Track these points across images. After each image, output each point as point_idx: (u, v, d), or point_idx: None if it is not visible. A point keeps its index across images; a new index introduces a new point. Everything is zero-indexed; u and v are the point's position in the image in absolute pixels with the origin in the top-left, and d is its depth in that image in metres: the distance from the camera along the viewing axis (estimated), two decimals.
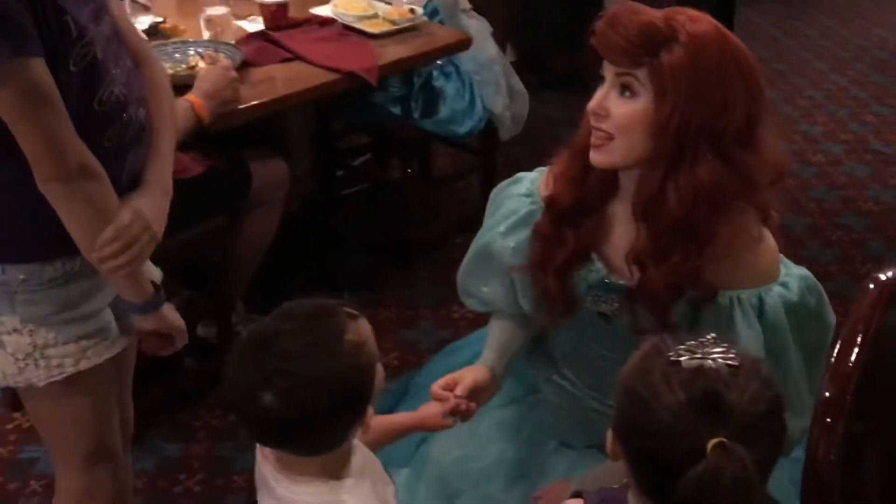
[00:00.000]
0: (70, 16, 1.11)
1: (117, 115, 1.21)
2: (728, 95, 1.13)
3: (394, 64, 2.27)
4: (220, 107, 1.88)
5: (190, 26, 2.35)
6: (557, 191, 1.28)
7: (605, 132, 1.17)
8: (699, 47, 1.12)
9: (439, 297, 2.60)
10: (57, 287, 1.24)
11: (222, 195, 2.07)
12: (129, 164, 1.26)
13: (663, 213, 1.16)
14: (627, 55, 1.13)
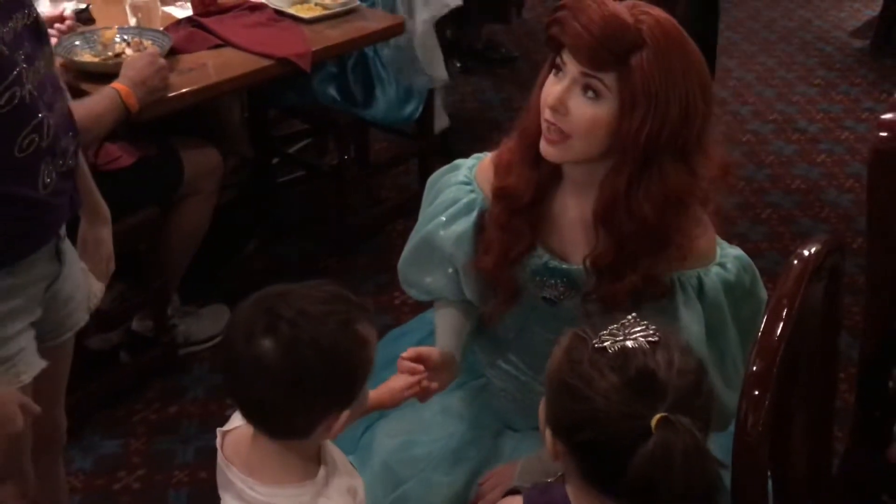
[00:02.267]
0: None
1: (26, 119, 1.13)
2: (691, 102, 1.13)
3: (327, 49, 2.24)
4: (149, 95, 1.84)
5: (115, 12, 2.28)
6: (511, 183, 1.26)
7: (562, 130, 1.15)
8: (667, 54, 1.11)
9: (380, 282, 2.59)
10: None
11: (154, 185, 2.03)
12: (44, 174, 1.18)
13: (629, 219, 1.16)
14: (596, 57, 1.10)
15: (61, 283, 1.31)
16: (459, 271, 1.36)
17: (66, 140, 1.23)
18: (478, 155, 1.39)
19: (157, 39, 2.06)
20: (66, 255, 1.31)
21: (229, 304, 2.43)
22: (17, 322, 1.22)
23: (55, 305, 1.32)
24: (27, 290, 1.23)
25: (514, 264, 1.29)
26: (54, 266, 1.28)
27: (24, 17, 1.15)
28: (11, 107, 1.10)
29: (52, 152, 1.18)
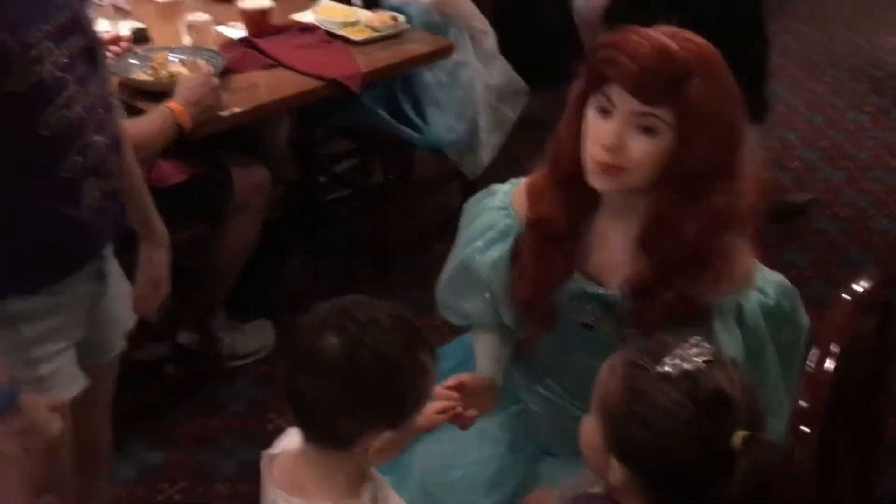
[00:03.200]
0: (8, 33, 1.06)
1: (72, 140, 1.15)
2: (734, 124, 1.15)
3: (376, 71, 2.27)
4: (203, 114, 1.88)
5: (171, 32, 2.34)
6: (545, 212, 1.27)
7: (618, 165, 1.15)
8: (714, 79, 1.12)
9: (420, 302, 2.57)
10: (4, 327, 1.17)
11: (204, 202, 2.07)
12: (88, 193, 1.20)
13: (674, 242, 1.17)
14: (652, 92, 1.10)
15: (106, 305, 1.33)
16: (496, 296, 1.36)
17: (114, 161, 1.25)
18: (514, 180, 1.40)
19: (211, 59, 2.11)
20: (110, 277, 1.33)
21: (273, 319, 2.47)
22: (57, 341, 1.24)
23: (99, 326, 1.33)
24: (68, 310, 1.25)
25: (551, 291, 1.29)
26: (97, 287, 1.30)
27: (81, 39, 1.18)
28: (59, 128, 1.13)
29: (98, 173, 1.20)
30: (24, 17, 1.08)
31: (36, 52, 1.08)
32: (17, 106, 1.08)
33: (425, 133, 2.59)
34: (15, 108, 1.08)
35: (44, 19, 1.10)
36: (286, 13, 2.50)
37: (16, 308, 1.17)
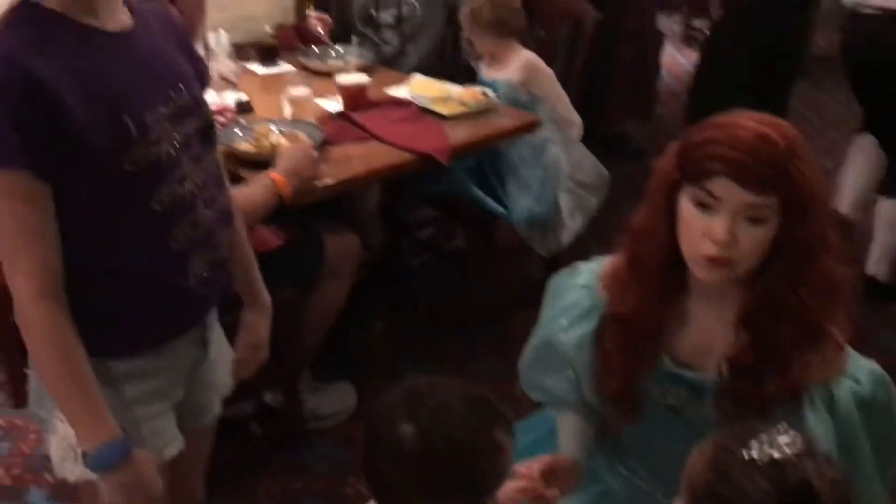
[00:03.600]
0: (129, 116, 1.12)
1: (182, 214, 1.21)
2: (826, 193, 1.16)
3: (465, 145, 2.33)
4: (301, 184, 1.96)
5: (273, 103, 2.46)
6: (629, 308, 1.26)
7: (728, 258, 1.15)
8: (807, 155, 1.13)
9: (500, 371, 2.61)
10: (109, 386, 1.20)
11: (297, 268, 2.14)
12: (195, 265, 1.25)
13: (786, 318, 1.16)
14: (763, 182, 1.11)
15: (206, 369, 1.37)
16: (580, 376, 1.36)
17: (222, 234, 1.30)
18: (599, 258, 1.40)
19: (309, 131, 2.20)
20: (212, 343, 1.37)
21: (354, 381, 2.51)
22: (157, 402, 1.28)
23: (198, 390, 1.38)
24: (170, 373, 1.29)
25: (638, 381, 1.29)
26: (199, 352, 1.35)
27: (198, 121, 1.25)
28: (172, 203, 1.19)
29: (206, 245, 1.26)
30: (147, 101, 1.15)
31: (154, 134, 1.14)
32: (134, 182, 1.14)
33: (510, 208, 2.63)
34: (131, 185, 1.14)
35: (164, 103, 1.17)
36: (382, 88, 2.60)
37: (121, 369, 1.22)
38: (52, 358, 1.13)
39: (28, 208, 1.08)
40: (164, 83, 1.19)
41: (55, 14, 1.09)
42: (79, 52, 1.09)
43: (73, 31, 1.10)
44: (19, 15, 1.09)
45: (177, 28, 1.29)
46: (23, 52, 1.04)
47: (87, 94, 1.08)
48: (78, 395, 1.14)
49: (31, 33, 1.07)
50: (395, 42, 3.05)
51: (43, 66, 1.04)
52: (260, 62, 2.93)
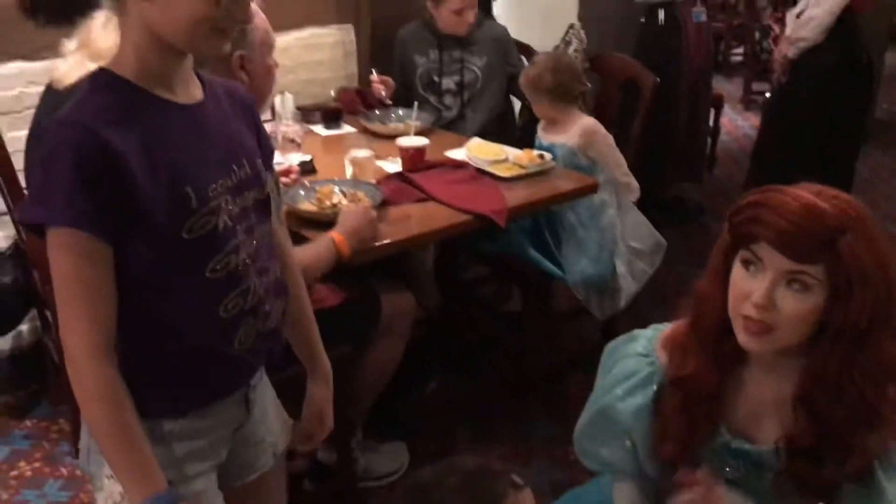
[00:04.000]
0: (191, 187, 1.15)
1: (234, 284, 1.22)
2: (891, 275, 1.12)
3: (522, 207, 2.35)
4: (360, 244, 2.00)
5: (335, 163, 2.53)
6: (690, 373, 1.26)
7: (770, 323, 1.14)
8: (867, 233, 1.11)
9: (553, 434, 2.58)
10: (158, 444, 1.22)
11: (353, 325, 2.17)
12: (242, 333, 1.26)
13: (839, 400, 1.14)
14: (804, 249, 1.10)
15: (250, 428, 1.38)
16: (637, 446, 1.34)
17: (272, 303, 1.31)
18: (656, 326, 1.39)
19: (369, 192, 2.25)
20: (255, 403, 1.38)
21: (408, 440, 2.51)
22: (199, 463, 1.29)
23: (243, 448, 1.38)
24: (213, 434, 1.31)
25: (696, 449, 1.27)
26: (242, 412, 1.36)
27: (256, 193, 1.27)
28: (225, 272, 1.21)
29: (255, 314, 1.27)
30: (211, 174, 1.19)
31: (214, 205, 1.17)
32: (190, 250, 1.16)
33: (567, 270, 2.63)
34: (187, 252, 1.16)
35: (227, 176, 1.21)
36: (440, 150, 2.65)
37: (167, 428, 1.25)
38: (104, 413, 1.14)
39: (89, 268, 1.11)
40: (229, 157, 1.23)
41: (131, 84, 1.14)
42: (150, 122, 1.14)
43: (146, 101, 1.15)
44: (98, 83, 1.14)
45: (245, 103, 1.33)
46: (97, 120, 1.09)
47: (153, 164, 1.11)
48: (127, 449, 1.15)
49: (107, 101, 1.12)
50: (456, 107, 3.13)
51: (115, 135, 1.09)
52: (323, 124, 3.02)
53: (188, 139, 1.18)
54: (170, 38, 1.13)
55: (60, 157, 1.07)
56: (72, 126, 1.08)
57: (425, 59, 3.12)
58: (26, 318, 2.64)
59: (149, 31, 1.13)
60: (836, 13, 3.39)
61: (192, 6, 1.11)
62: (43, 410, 2.72)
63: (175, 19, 1.11)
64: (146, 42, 1.14)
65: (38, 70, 2.60)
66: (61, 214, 1.08)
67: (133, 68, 1.14)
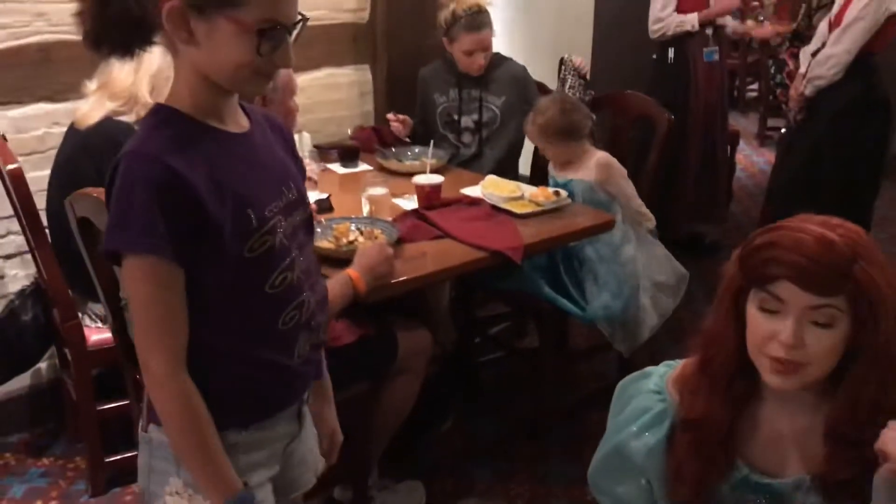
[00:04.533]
0: (252, 209, 1.23)
1: (291, 298, 1.30)
2: None
3: (537, 244, 2.35)
4: (376, 281, 2.00)
5: (351, 201, 2.55)
6: (701, 414, 1.25)
7: (798, 363, 1.14)
8: (874, 257, 1.13)
9: (572, 474, 2.55)
10: (229, 454, 1.28)
11: (370, 363, 2.17)
12: (300, 345, 1.34)
13: (873, 428, 1.13)
14: (826, 283, 1.11)
15: (297, 444, 1.44)
16: (652, 484, 1.33)
17: (321, 316, 1.40)
18: (669, 363, 1.39)
19: (386, 229, 2.27)
20: (305, 417, 1.46)
21: (424, 479, 2.49)
22: (259, 473, 1.35)
23: (290, 464, 1.43)
24: (270, 446, 1.37)
25: (713, 489, 1.25)
26: (295, 426, 1.42)
27: (303, 213, 1.36)
28: (283, 287, 1.29)
29: (309, 327, 1.35)
30: (266, 196, 1.27)
31: (271, 225, 1.25)
32: (252, 268, 1.24)
33: (586, 309, 2.62)
34: (249, 270, 1.24)
35: (279, 198, 1.29)
36: (456, 188, 2.67)
37: (232, 440, 1.30)
38: (187, 426, 1.23)
39: (168, 292, 1.19)
40: (279, 180, 1.31)
41: (188, 117, 1.22)
42: (210, 151, 1.21)
43: (203, 132, 1.23)
44: (160, 118, 1.22)
45: (283, 131, 1.42)
46: (166, 151, 1.16)
47: (219, 190, 1.19)
48: (209, 457, 1.24)
49: (171, 134, 1.20)
50: (474, 145, 3.15)
51: (182, 164, 1.16)
52: (340, 162, 3.05)
53: (244, 165, 1.26)
54: (215, 78, 1.21)
55: (136, 187, 1.14)
56: (142, 157, 1.16)
57: (445, 98, 3.16)
58: (45, 356, 2.66)
59: (197, 71, 1.21)
60: (853, 53, 3.38)
61: (234, 53, 1.18)
62: (60, 448, 2.72)
63: (219, 64, 1.19)
64: (196, 80, 1.22)
65: (62, 111, 2.65)
66: (139, 242, 1.15)
67: (187, 102, 1.23)
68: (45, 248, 2.26)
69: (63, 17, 2.55)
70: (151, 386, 1.23)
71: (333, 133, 3.39)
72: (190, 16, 1.16)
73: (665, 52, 3.98)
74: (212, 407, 1.25)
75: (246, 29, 1.16)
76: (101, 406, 2.40)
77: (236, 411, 1.30)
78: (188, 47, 1.19)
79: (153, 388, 1.23)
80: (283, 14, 1.18)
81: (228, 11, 1.15)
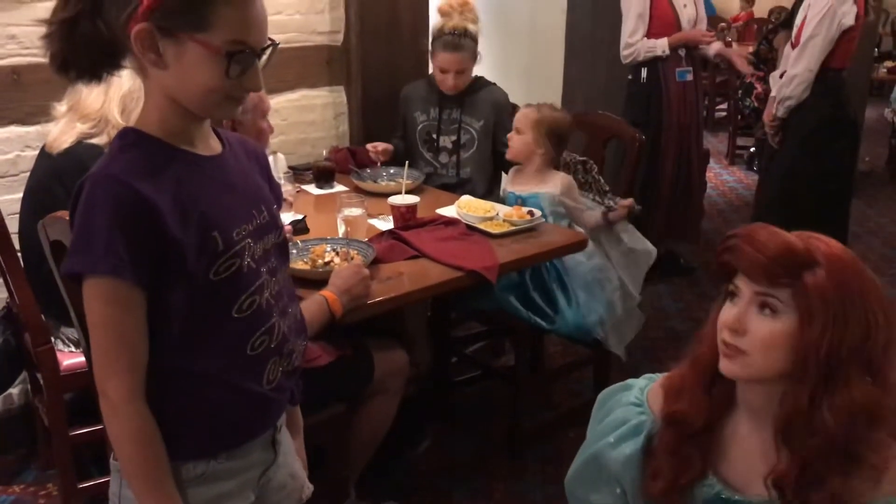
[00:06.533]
0: (218, 232, 1.21)
1: (260, 322, 1.28)
2: (870, 318, 1.15)
3: (512, 263, 2.37)
4: (352, 302, 2.00)
5: (327, 222, 2.55)
6: (683, 408, 1.28)
7: (742, 348, 1.18)
8: (839, 270, 1.15)
9: (550, 492, 2.56)
10: (190, 486, 1.27)
11: (346, 383, 2.16)
12: (270, 371, 1.32)
13: (813, 434, 1.15)
14: (770, 275, 1.15)
15: (275, 471, 1.41)
16: (627, 493, 1.35)
17: (295, 342, 1.37)
18: (650, 376, 1.41)
19: (362, 250, 2.27)
20: (281, 445, 1.42)
21: (402, 500, 2.48)
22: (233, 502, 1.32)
23: (268, 492, 1.41)
24: (242, 475, 1.34)
25: (685, 492, 1.27)
26: (269, 454, 1.39)
27: (275, 237, 1.35)
28: (251, 311, 1.27)
29: (280, 353, 1.33)
30: (235, 219, 1.26)
31: (239, 248, 1.24)
32: (218, 291, 1.22)
33: (557, 322, 2.65)
34: (216, 293, 1.23)
35: (248, 220, 1.28)
36: (431, 208, 2.68)
37: (199, 470, 1.28)
38: (138, 452, 1.21)
39: (127, 315, 1.17)
40: (249, 203, 1.30)
41: (156, 140, 1.22)
42: (178, 174, 1.20)
43: (172, 155, 1.22)
44: (127, 141, 1.21)
45: (257, 154, 1.41)
46: (131, 174, 1.16)
47: (184, 213, 1.18)
48: (157, 487, 1.22)
49: (136, 156, 1.19)
50: (451, 165, 3.18)
51: (149, 187, 1.15)
52: (315, 183, 3.06)
53: (213, 188, 1.25)
54: (184, 102, 1.21)
55: (98, 210, 1.13)
56: (106, 179, 1.15)
57: (425, 117, 3.19)
58: (16, 381, 2.62)
59: (167, 95, 1.20)
60: (814, 70, 3.48)
61: (203, 76, 1.18)
62: (32, 475, 2.68)
63: (188, 87, 1.19)
64: (165, 103, 1.21)
65: (33, 134, 2.64)
66: (100, 264, 1.14)
67: (156, 126, 1.22)
68: (18, 272, 2.24)
69: (34, 39, 2.51)
70: (106, 410, 1.21)
71: (308, 154, 3.40)
72: (159, 38, 1.15)
73: (638, 72, 4.05)
74: (178, 435, 1.23)
75: (214, 52, 1.16)
76: (74, 431, 2.37)
77: (204, 439, 1.28)
78: (157, 70, 1.18)
79: (107, 411, 1.21)
80: (251, 37, 1.18)
81: (197, 34, 1.15)
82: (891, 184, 6.08)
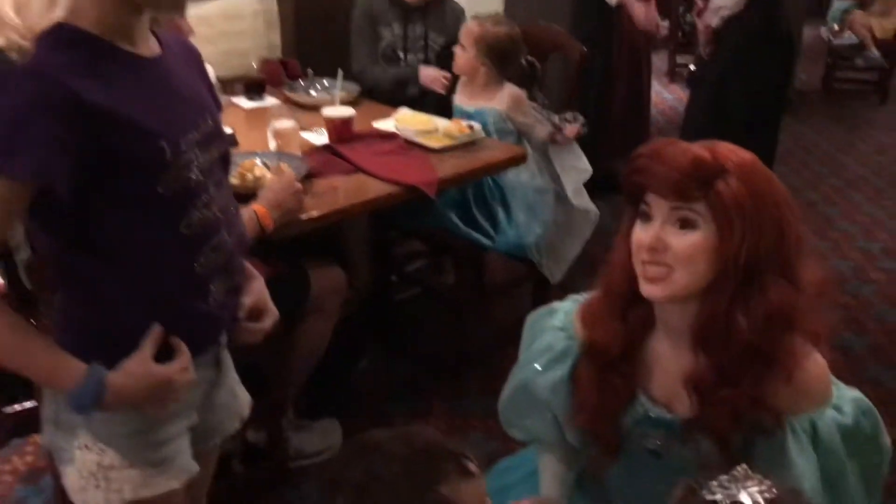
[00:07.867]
0: (166, 141, 1.13)
1: (208, 238, 1.22)
2: (783, 219, 1.15)
3: (452, 178, 2.32)
4: (284, 216, 1.93)
5: (257, 137, 2.45)
6: (599, 337, 1.26)
7: (665, 265, 1.15)
8: (750, 176, 1.14)
9: (490, 408, 2.53)
10: (131, 411, 1.22)
11: (281, 302, 2.08)
12: (215, 290, 1.26)
13: (730, 339, 1.15)
14: (683, 190, 1.13)
15: (217, 390, 1.39)
16: (558, 417, 1.35)
17: (238, 259, 1.32)
18: (576, 297, 1.40)
19: (294, 164, 2.18)
20: (223, 363, 1.40)
21: (341, 418, 2.46)
22: (175, 424, 1.29)
23: (210, 411, 1.38)
24: (187, 394, 1.29)
25: (614, 418, 1.27)
26: (212, 372, 1.37)
27: (220, 147, 1.27)
28: (199, 227, 1.20)
29: (226, 270, 1.27)
30: (181, 126, 1.16)
31: (186, 158, 1.16)
32: (166, 206, 1.15)
33: (496, 240, 2.61)
34: (163, 208, 1.15)
35: (194, 128, 1.19)
36: (367, 121, 2.59)
37: None
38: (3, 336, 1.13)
39: None
40: (194, 110, 1.21)
41: (93, 37, 1.10)
42: (118, 75, 1.10)
43: (111, 54, 1.11)
44: (59, 37, 1.08)
45: (198, 59, 1.31)
46: (64, 72, 1.04)
47: (126, 117, 1.09)
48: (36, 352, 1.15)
49: (72, 55, 1.07)
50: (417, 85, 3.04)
51: (84, 87, 1.04)
52: (246, 96, 2.92)
53: (156, 93, 1.15)
54: None
55: (26, 108, 1.02)
56: (38, 77, 1.04)
57: (389, 32, 3.03)
58: None
59: None
60: None
61: None
62: None
63: None
64: None
65: None
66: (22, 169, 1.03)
67: (93, 21, 1.10)
68: None
69: None
70: None
71: (237, 66, 3.23)
72: None
73: None
74: (121, 354, 1.18)
75: None
76: None
77: None
78: None
79: None
80: None
81: None
82: (825, 102, 6.16)
